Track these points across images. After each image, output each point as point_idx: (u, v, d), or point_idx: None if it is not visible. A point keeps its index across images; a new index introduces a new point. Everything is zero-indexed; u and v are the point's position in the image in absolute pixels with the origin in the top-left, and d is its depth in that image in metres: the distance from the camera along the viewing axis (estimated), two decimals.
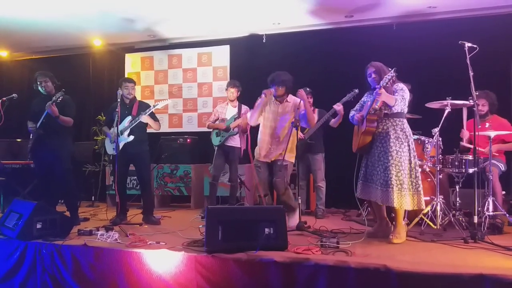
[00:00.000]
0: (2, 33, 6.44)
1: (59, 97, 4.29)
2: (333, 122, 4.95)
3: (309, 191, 5.45)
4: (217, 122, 5.15)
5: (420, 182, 3.56)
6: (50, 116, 4.30)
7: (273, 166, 4.18)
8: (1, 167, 5.55)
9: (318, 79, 5.79)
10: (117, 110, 4.41)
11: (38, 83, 4.48)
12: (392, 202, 3.48)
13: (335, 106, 4.74)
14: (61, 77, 4.75)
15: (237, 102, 5.18)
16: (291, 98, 4.21)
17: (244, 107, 5.13)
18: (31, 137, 4.52)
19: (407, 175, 3.51)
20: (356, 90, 4.83)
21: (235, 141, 5.08)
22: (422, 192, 3.55)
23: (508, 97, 4.60)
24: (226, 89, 5.19)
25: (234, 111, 5.13)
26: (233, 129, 5.02)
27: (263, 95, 4.07)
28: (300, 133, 4.97)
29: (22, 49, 7.38)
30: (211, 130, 5.23)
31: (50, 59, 7.25)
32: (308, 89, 4.73)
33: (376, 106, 3.56)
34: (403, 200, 3.48)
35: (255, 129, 4.53)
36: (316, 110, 5.16)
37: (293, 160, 4.25)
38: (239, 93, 5.16)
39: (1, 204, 5.39)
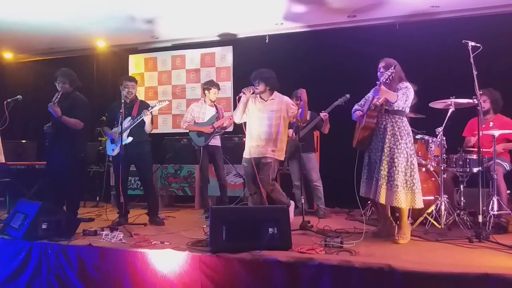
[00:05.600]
0: (7, 35, 6.48)
1: (56, 98, 4.27)
2: (323, 129, 5.00)
3: (309, 190, 5.43)
4: (193, 123, 5.04)
5: (416, 181, 3.50)
6: None
7: (259, 164, 4.15)
8: (7, 168, 5.57)
9: (320, 79, 5.80)
10: (121, 111, 4.36)
11: (57, 82, 4.47)
12: (379, 197, 3.47)
13: (321, 114, 4.80)
14: None
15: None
16: (276, 95, 4.20)
17: (219, 106, 5.19)
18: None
19: (401, 172, 3.46)
20: (348, 95, 4.88)
21: (217, 141, 5.11)
22: (418, 191, 3.50)
23: None
24: (208, 90, 5.06)
25: (213, 110, 5.12)
26: (217, 128, 5.00)
27: (241, 94, 4.09)
28: (290, 133, 4.97)
29: (26, 51, 7.42)
30: (187, 131, 5.14)
31: (54, 61, 7.27)
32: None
33: (378, 103, 3.57)
34: (393, 196, 3.44)
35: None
36: (308, 112, 5.12)
37: (282, 158, 4.21)
38: None
39: (6, 205, 5.41)
